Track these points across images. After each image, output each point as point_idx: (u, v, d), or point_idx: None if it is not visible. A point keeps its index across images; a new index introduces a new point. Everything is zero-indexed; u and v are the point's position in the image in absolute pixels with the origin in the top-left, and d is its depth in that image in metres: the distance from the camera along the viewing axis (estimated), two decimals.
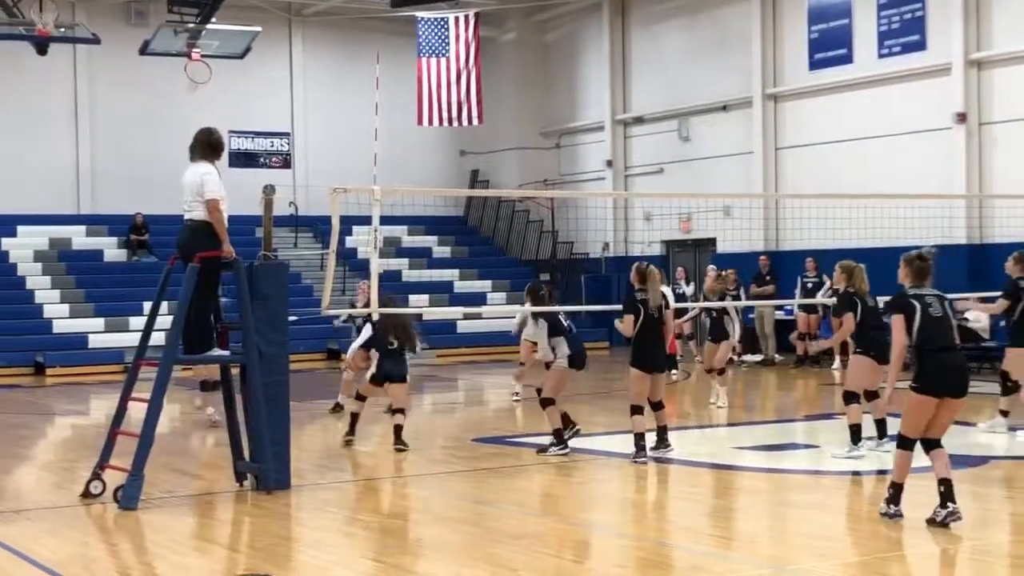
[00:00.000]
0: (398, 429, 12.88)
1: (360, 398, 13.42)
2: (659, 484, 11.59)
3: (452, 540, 8.93)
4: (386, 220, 23.57)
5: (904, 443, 8.72)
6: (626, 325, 11.78)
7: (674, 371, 19.60)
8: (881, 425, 12.04)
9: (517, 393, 17.43)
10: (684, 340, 22.45)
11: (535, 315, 12.63)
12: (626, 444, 13.23)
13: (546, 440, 12.55)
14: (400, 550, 8.65)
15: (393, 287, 26.63)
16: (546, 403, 12.41)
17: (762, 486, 11.23)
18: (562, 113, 31.45)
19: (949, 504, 8.45)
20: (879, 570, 7.68)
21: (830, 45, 24.85)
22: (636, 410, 11.87)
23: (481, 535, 9.15)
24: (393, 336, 12.95)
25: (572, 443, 12.47)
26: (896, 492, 8.77)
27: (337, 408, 16.06)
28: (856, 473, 11.40)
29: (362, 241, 25.83)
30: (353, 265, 26.32)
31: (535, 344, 13.57)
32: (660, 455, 12.04)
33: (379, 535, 9.24)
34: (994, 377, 19.48)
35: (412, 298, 27.02)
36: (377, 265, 11.75)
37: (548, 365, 12.47)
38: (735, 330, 16.81)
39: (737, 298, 19.81)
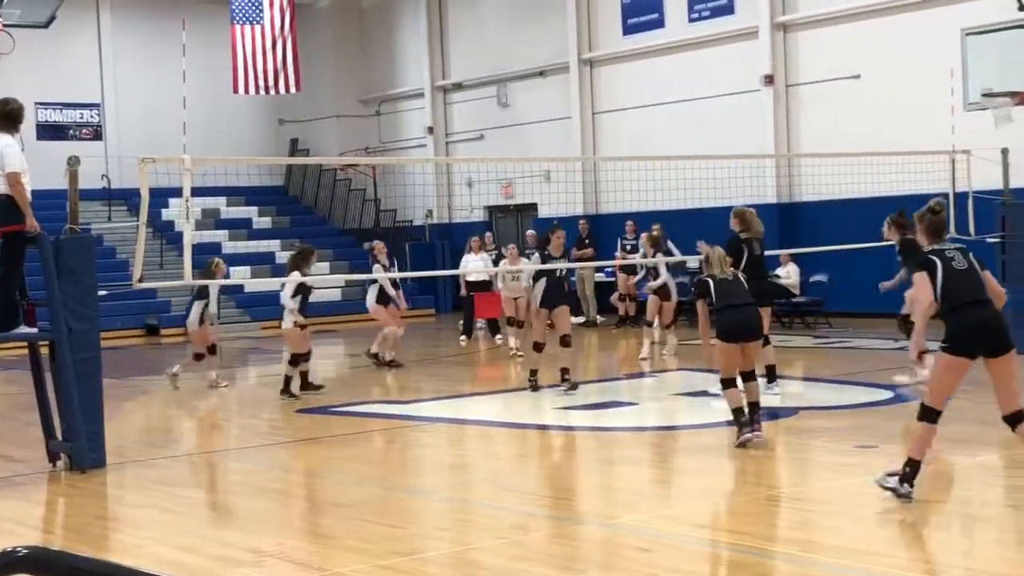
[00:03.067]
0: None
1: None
2: (483, 447, 11.70)
3: (275, 512, 8.88)
4: (204, 191, 23.33)
5: (927, 415, 7.84)
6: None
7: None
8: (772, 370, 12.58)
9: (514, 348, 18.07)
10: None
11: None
12: (451, 409, 13.35)
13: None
14: (222, 524, 8.55)
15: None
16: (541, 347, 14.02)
17: (585, 444, 11.43)
18: (381, 80, 31.27)
19: None
20: (694, 521, 7.91)
21: (642, 10, 25.25)
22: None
23: (305, 506, 9.11)
24: None
25: (401, 409, 12.53)
26: (913, 470, 7.80)
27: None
28: (672, 428, 11.71)
29: (177, 213, 25.27)
30: (170, 238, 25.78)
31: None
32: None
33: (200, 510, 9.12)
34: (805, 331, 20.20)
35: (234, 270, 26.61)
36: (191, 236, 11.50)
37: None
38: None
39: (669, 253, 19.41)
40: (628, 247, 22.67)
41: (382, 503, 8.95)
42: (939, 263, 7.91)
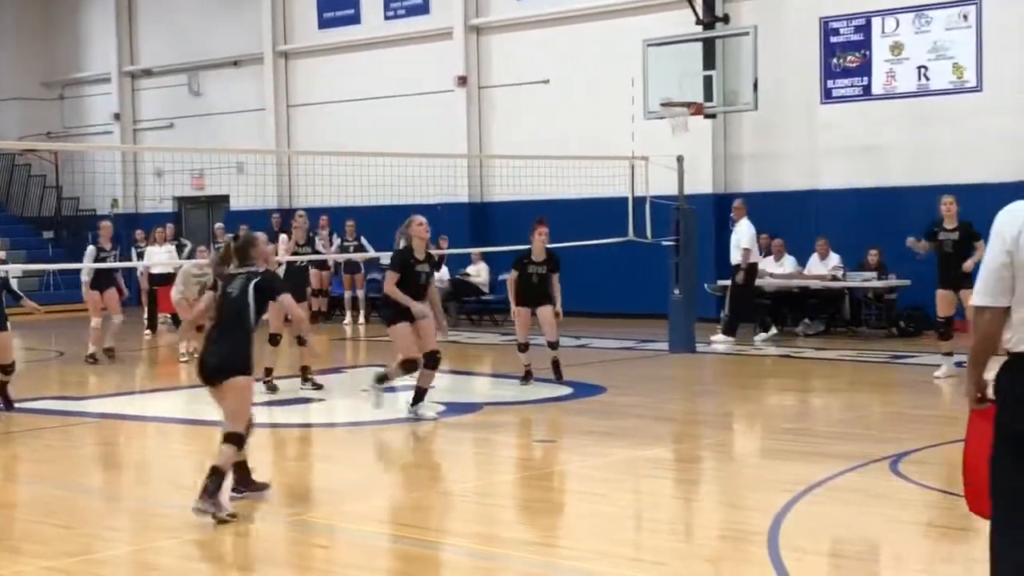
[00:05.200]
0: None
1: None
2: (161, 445, 11.41)
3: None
4: None
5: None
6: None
7: None
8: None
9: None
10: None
11: None
12: (130, 405, 12.93)
13: None
14: None
15: None
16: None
17: (268, 441, 11.30)
18: (66, 63, 29.97)
19: None
20: (374, 517, 7.95)
21: (338, 5, 25.20)
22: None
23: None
24: None
25: (76, 406, 11.97)
26: None
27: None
28: (357, 424, 11.75)
29: None
30: None
31: None
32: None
33: None
34: (494, 329, 20.63)
35: None
36: None
37: None
38: None
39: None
40: (318, 241, 22.51)
41: (50, 503, 8.58)
42: None
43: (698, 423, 11.88)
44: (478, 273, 21.54)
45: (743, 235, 17.69)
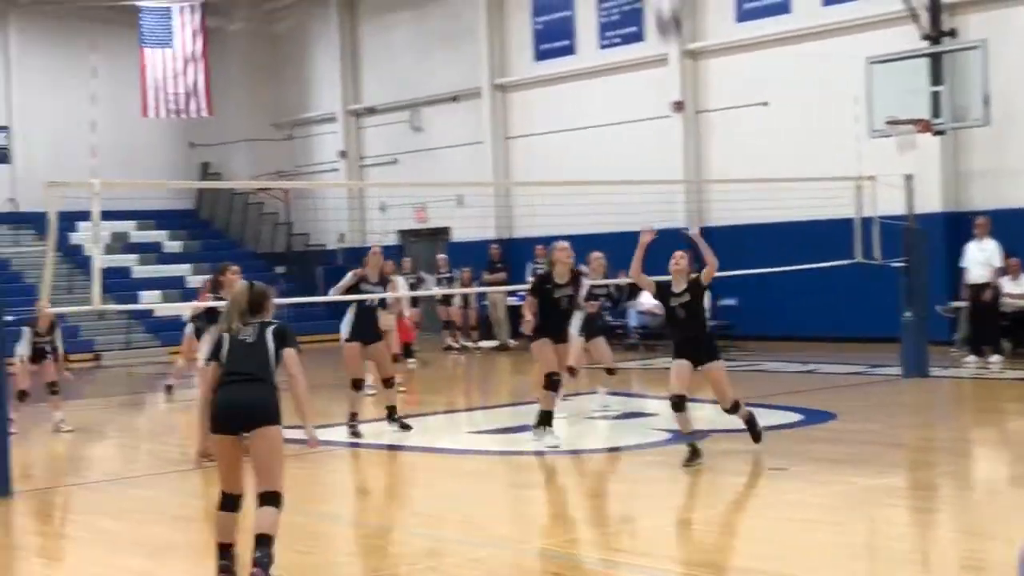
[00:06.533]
0: None
1: None
2: (393, 472, 11.66)
3: (181, 539, 8.77)
4: (113, 215, 23.04)
5: None
6: None
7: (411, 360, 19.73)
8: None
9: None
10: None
11: None
12: (366, 433, 13.24)
13: None
14: (128, 552, 8.43)
15: (122, 283, 25.92)
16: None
17: (495, 469, 11.44)
18: (294, 104, 31.15)
19: None
20: (607, 545, 7.96)
21: (554, 36, 25.46)
22: None
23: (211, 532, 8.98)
24: None
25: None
26: None
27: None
28: (577, 452, 11.77)
29: (86, 237, 24.89)
30: (79, 262, 25.38)
31: None
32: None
33: (107, 537, 8.98)
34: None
35: (143, 294, 26.33)
36: (100, 261, 11.36)
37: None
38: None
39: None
40: (538, 271, 22.77)
41: (291, 528, 8.85)
42: None
43: (934, 450, 11.49)
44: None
45: (993, 252, 17.18)
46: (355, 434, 12.59)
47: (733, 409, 10.79)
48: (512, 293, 23.34)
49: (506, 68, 26.55)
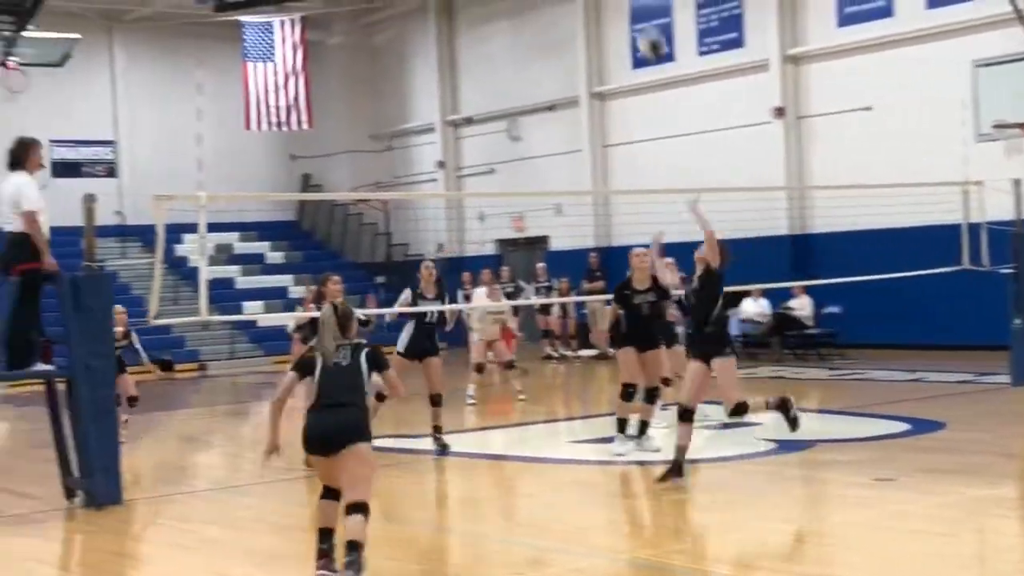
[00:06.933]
0: None
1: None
2: (494, 482, 11.68)
3: (289, 550, 8.85)
4: (217, 227, 23.41)
5: None
6: None
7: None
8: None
9: None
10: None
11: None
12: (467, 442, 13.29)
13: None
14: (235, 561, 8.54)
15: (226, 294, 26.35)
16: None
17: (595, 479, 11.41)
18: (392, 115, 31.43)
19: None
20: (710, 555, 7.88)
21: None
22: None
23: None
24: None
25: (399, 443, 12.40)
26: None
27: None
28: (689, 462, 11.66)
29: (191, 249, 25.35)
30: (184, 274, 25.85)
31: None
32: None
33: (214, 546, 9.11)
34: (819, 363, 20.12)
35: (246, 305, 26.73)
36: (206, 272, 11.55)
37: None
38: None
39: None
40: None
41: (397, 538, 8.92)
42: None
43: None
44: (801, 307, 21.12)
45: None
46: (442, 447, 12.33)
47: (686, 415, 10.26)
48: (610, 301, 23.30)
49: (604, 76, 26.50)
